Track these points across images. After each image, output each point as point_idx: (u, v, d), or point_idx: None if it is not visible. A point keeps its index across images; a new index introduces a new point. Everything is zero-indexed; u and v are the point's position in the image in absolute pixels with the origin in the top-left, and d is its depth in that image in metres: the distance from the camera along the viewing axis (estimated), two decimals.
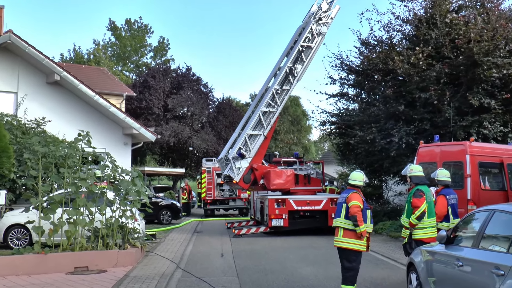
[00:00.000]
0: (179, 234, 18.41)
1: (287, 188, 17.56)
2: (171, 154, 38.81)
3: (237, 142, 17.45)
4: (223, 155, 17.82)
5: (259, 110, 17.66)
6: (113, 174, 11.57)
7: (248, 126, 17.53)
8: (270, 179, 17.28)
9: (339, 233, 7.97)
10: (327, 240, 15.64)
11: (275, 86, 17.93)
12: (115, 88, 28.43)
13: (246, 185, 17.41)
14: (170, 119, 36.75)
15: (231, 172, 17.22)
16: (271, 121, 18.00)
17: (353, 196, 7.95)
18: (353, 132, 19.54)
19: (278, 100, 18.08)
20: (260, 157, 17.88)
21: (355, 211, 7.75)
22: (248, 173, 17.34)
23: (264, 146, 17.94)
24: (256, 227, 18.06)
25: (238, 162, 17.19)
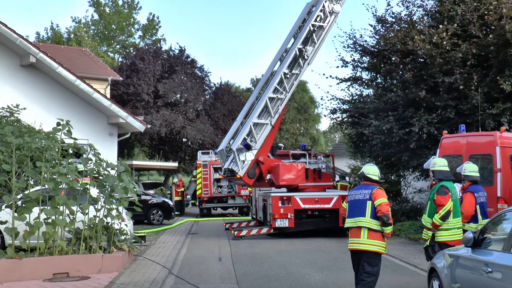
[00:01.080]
0: (171, 236, 18.44)
1: (297, 184, 17.65)
2: (163, 146, 38.84)
3: (241, 132, 17.45)
4: (223, 146, 17.82)
5: (265, 96, 17.68)
6: (97, 169, 11.54)
7: (253, 114, 17.55)
8: (279, 173, 17.32)
9: (363, 235, 7.85)
10: (338, 243, 15.64)
11: (283, 69, 17.96)
12: (99, 72, 28.37)
13: (251, 180, 17.43)
14: (161, 106, 36.73)
15: (234, 165, 17.22)
16: (279, 109, 18.04)
17: (379, 192, 7.89)
18: (368, 121, 19.49)
19: (287, 86, 18.13)
20: (266, 149, 17.92)
21: (387, 209, 7.73)
22: (253, 167, 17.36)
23: (271, 136, 18.01)
24: (258, 228, 18.08)
25: (243, 154, 17.21)
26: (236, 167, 17.14)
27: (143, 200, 21.92)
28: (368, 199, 7.87)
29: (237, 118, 18.54)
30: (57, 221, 10.59)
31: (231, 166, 17.26)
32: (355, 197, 8.07)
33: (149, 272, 11.13)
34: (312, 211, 17.59)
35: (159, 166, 33.75)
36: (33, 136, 11.07)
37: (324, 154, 20.87)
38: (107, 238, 11.40)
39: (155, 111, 36.38)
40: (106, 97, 21.01)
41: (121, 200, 11.50)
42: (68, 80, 19.36)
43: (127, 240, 12.01)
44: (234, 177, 17.64)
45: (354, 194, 8.12)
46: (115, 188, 11.27)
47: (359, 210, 7.92)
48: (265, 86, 18.33)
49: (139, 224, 21.67)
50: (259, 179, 17.64)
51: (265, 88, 18.30)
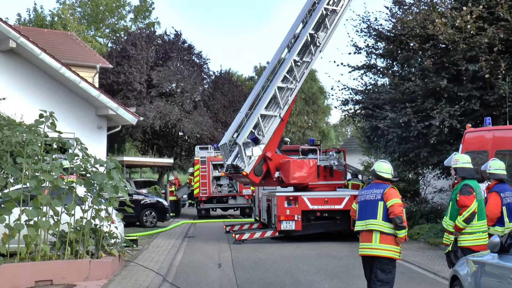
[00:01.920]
0: (166, 240, 18.46)
1: (308, 182, 17.72)
2: (157, 140, 38.84)
3: (246, 124, 17.48)
4: (226, 140, 17.83)
5: (274, 86, 17.72)
6: (84, 165, 11.52)
7: (260, 105, 17.60)
8: (290, 171, 17.37)
9: (374, 239, 7.83)
10: (350, 247, 15.63)
11: (293, 57, 18.03)
12: (87, 58, 28.35)
13: (257, 178, 17.47)
14: (155, 97, 36.71)
15: (239, 161, 17.23)
16: (289, 100, 18.11)
17: (392, 192, 7.86)
18: (383, 114, 19.44)
19: (297, 74, 18.21)
20: (274, 144, 17.96)
21: (400, 210, 7.71)
22: (260, 164, 17.40)
23: (280, 130, 18.09)
24: (261, 231, 18.11)
25: (249, 149, 17.24)
26: (241, 163, 17.14)
27: (135, 200, 21.91)
28: (379, 199, 7.84)
29: (241, 109, 18.57)
30: (39, 223, 10.58)
31: (236, 162, 17.25)
32: (365, 198, 8.03)
33: (142, 280, 11.13)
34: (321, 212, 17.60)
35: (153, 162, 33.73)
36: (13, 129, 11.05)
37: (335, 149, 20.86)
38: (95, 241, 11.40)
39: (148, 102, 36.37)
40: (94, 86, 21.00)
41: (111, 200, 11.49)
42: (52, 68, 19.34)
43: (117, 244, 12.01)
44: (238, 175, 17.65)
45: (364, 194, 8.07)
46: (104, 186, 11.26)
47: (370, 211, 7.89)
48: (272, 75, 18.39)
49: (130, 226, 21.70)
50: (266, 177, 17.66)
51: (271, 77, 18.36)
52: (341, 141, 73.72)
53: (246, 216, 28.81)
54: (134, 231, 20.18)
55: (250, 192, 27.45)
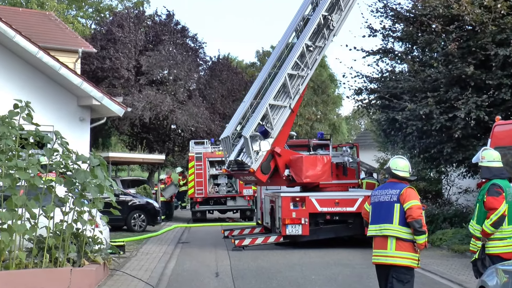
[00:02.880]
0: (157, 246, 18.49)
1: (322, 181, 17.77)
2: (146, 134, 38.83)
3: (254, 115, 17.51)
4: (229, 133, 17.81)
5: (284, 73, 17.76)
6: (65, 162, 11.51)
7: (269, 94, 17.63)
8: (303, 168, 17.41)
9: (390, 245, 7.79)
10: (363, 255, 15.63)
11: (305, 41, 18.10)
12: (67, 42, 28.30)
13: (265, 176, 17.48)
14: (144, 85, 36.68)
15: (245, 156, 17.21)
16: (300, 89, 18.21)
17: (410, 193, 7.81)
18: (401, 104, 19.40)
19: (309, 61, 18.30)
20: (283, 138, 18.01)
21: (419, 213, 7.65)
22: (267, 160, 17.40)
23: (289, 123, 18.19)
24: (264, 236, 18.15)
25: (257, 143, 17.22)
26: (247, 159, 17.12)
27: (122, 201, 21.91)
28: (395, 201, 7.79)
29: (245, 98, 18.59)
30: (14, 227, 10.57)
31: (241, 157, 17.22)
32: (379, 199, 7.98)
33: None
34: (331, 215, 17.62)
35: (142, 159, 33.73)
36: None
37: (348, 144, 20.87)
38: (77, 248, 11.40)
39: (137, 91, 36.33)
40: (76, 73, 20.94)
41: (95, 201, 11.48)
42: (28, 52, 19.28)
43: (102, 251, 12.02)
44: (243, 172, 17.66)
45: (378, 195, 8.01)
46: (87, 186, 11.25)
47: (385, 214, 7.84)
48: (279, 62, 18.47)
49: (117, 230, 21.74)
50: (273, 175, 17.68)
51: (278, 63, 18.43)
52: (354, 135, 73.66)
53: (247, 219, 28.83)
54: (121, 236, 20.17)
55: (251, 192, 27.46)
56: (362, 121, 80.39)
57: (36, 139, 11.71)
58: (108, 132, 40.93)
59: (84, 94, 20.07)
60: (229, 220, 29.48)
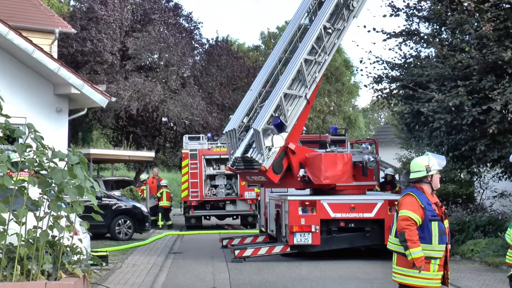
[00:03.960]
0: (145, 256, 18.49)
1: (341, 182, 17.82)
2: (133, 128, 38.87)
3: (265, 106, 17.46)
4: (235, 125, 17.70)
5: (300, 58, 17.79)
6: (39, 159, 11.48)
7: (282, 82, 17.63)
8: (322, 167, 17.41)
9: (393, 260, 8.22)
10: (383, 268, 15.62)
11: (323, 22, 18.14)
12: (42, 21, 28.25)
13: (277, 176, 17.45)
14: (131, 71, 36.71)
15: (255, 153, 17.15)
16: (317, 77, 18.29)
17: (404, 201, 8.09)
18: (427, 94, 19.35)
19: (327, 45, 18.40)
20: (297, 133, 18.07)
21: (402, 226, 7.93)
22: (280, 158, 17.39)
23: (305, 115, 18.27)
24: (268, 246, 18.13)
25: (269, 138, 17.19)
26: (258, 155, 17.07)
27: (104, 204, 21.92)
28: (396, 210, 8.23)
29: (252, 86, 18.56)
30: None
31: (250, 154, 17.14)
32: None
33: None
34: (346, 222, 17.61)
35: (128, 156, 33.78)
36: None
37: (370, 140, 20.83)
38: (53, 258, 11.38)
39: (122, 78, 36.37)
40: (53, 57, 20.93)
41: (74, 205, 11.47)
42: None
43: (82, 262, 12.00)
44: (251, 171, 17.61)
45: None
46: (65, 187, 11.23)
47: (393, 224, 8.30)
48: (290, 46, 18.51)
49: (99, 238, 21.74)
50: (285, 175, 17.65)
51: (289, 47, 18.48)
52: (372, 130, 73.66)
53: (249, 226, 28.80)
54: (104, 245, 20.18)
55: (254, 195, 27.43)
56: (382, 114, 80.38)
57: (6, 133, 11.69)
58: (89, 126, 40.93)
59: (62, 82, 20.06)
60: (228, 227, 29.46)
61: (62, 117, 20.42)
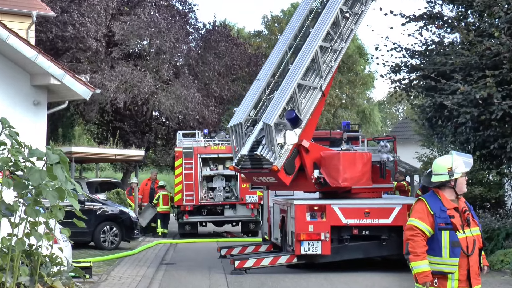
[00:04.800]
0: (133, 268, 18.48)
1: (361, 185, 17.87)
2: (120, 123, 38.86)
3: (277, 97, 17.38)
4: (241, 119, 17.54)
5: (315, 45, 17.78)
6: (14, 159, 11.46)
7: (296, 71, 17.60)
8: (340, 168, 17.44)
9: None
10: (401, 281, 15.66)
11: (340, 5, 18.21)
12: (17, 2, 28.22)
13: (289, 177, 17.40)
14: (118, 59, 36.69)
15: (265, 150, 17.05)
16: (332, 67, 18.38)
17: (414, 207, 7.92)
18: (451, 86, 19.34)
19: (344, 31, 18.53)
20: (311, 129, 18.11)
21: (407, 236, 7.77)
22: (292, 157, 17.36)
23: (319, 109, 18.36)
24: (272, 256, 18.12)
25: (280, 133, 17.13)
26: (269, 153, 16.97)
27: (88, 209, 21.88)
28: None
29: (259, 75, 18.47)
30: None
31: (260, 152, 17.00)
32: None
33: None
34: (359, 229, 17.58)
35: (115, 155, 33.70)
36: None
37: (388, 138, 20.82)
38: (30, 270, 11.37)
39: (108, 66, 36.35)
40: (30, 43, 20.92)
41: (53, 210, 11.44)
42: None
43: (62, 274, 12.00)
44: (260, 171, 17.50)
45: None
46: (43, 190, 11.20)
47: None
48: (301, 32, 18.54)
49: (81, 247, 21.75)
50: (296, 177, 17.60)
51: (300, 34, 18.51)
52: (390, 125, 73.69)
53: (250, 234, 28.82)
54: (87, 255, 20.17)
55: (256, 199, 27.40)
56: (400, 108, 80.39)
57: None
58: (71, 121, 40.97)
59: (40, 71, 20.05)
60: (227, 235, 29.46)
61: (40, 111, 20.41)
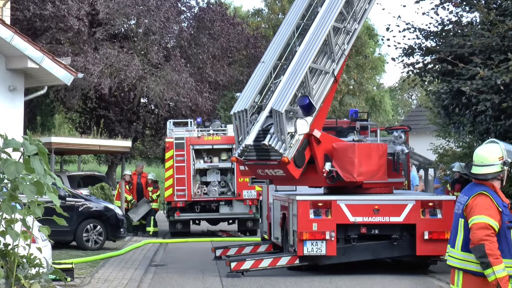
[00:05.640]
0: (119, 270, 18.53)
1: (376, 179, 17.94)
2: (105, 111, 38.83)
3: (287, 82, 17.34)
4: (246, 106, 17.41)
5: (327, 25, 17.78)
6: None
7: (307, 53, 17.58)
8: (356, 161, 17.48)
9: (457, 280, 7.74)
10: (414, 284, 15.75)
11: None
12: None
13: (298, 170, 17.37)
14: (102, 41, 36.66)
15: (274, 140, 16.95)
16: (345, 50, 18.42)
17: (478, 203, 7.61)
18: (470, 70, 19.35)
19: (358, 11, 18.58)
20: (322, 117, 18.13)
21: (480, 236, 7.45)
22: (302, 148, 17.36)
23: (330, 96, 18.40)
24: (272, 257, 18.14)
25: (290, 122, 17.10)
26: (279, 143, 16.89)
27: (70, 206, 21.92)
28: (460, 214, 7.77)
29: (264, 58, 18.39)
30: None
31: (268, 141, 16.90)
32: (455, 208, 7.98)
33: None
34: (368, 227, 17.61)
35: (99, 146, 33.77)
36: None
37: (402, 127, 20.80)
38: (5, 272, 11.40)
39: (91, 48, 36.32)
40: (4, 22, 20.93)
41: (31, 206, 11.49)
42: None
43: (41, 276, 12.02)
44: (268, 162, 17.44)
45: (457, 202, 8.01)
46: (20, 184, 11.23)
47: (453, 234, 7.88)
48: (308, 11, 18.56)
49: (62, 247, 21.80)
50: (305, 170, 17.58)
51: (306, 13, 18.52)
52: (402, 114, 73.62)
53: (248, 233, 28.88)
54: (69, 256, 20.21)
55: (254, 194, 27.41)
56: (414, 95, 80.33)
57: None
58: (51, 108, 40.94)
59: (16, 53, 20.07)
60: (222, 234, 29.48)
61: (16, 97, 20.43)
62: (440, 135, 31.74)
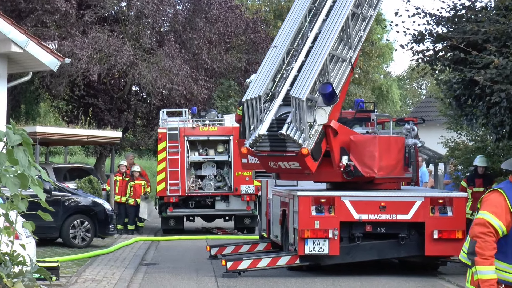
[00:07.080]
0: (108, 269, 18.56)
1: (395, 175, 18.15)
2: (94, 99, 38.79)
3: (306, 69, 17.30)
4: (260, 92, 17.25)
5: (345, 10, 17.77)
6: None
7: (326, 39, 17.50)
8: (376, 156, 17.51)
9: (468, 277, 7.70)
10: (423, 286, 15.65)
11: None
12: None
13: (315, 163, 17.30)
14: (91, 24, 36.60)
15: (292, 130, 16.82)
16: (362, 36, 18.55)
17: (488, 198, 7.65)
18: (484, 58, 19.37)
19: None
20: (339, 108, 18.22)
21: (476, 232, 7.51)
22: (319, 139, 17.31)
23: (346, 85, 18.50)
24: (271, 257, 18.18)
25: (310, 111, 17.02)
26: (297, 133, 16.74)
27: (55, 200, 21.97)
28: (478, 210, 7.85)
29: (275, 42, 18.24)
30: None
31: (286, 131, 16.72)
32: None
33: None
34: (374, 226, 17.64)
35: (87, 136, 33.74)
36: None
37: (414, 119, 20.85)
38: None
39: (79, 32, 36.26)
40: None
41: (14, 200, 11.50)
42: None
43: (25, 275, 12.05)
44: (284, 154, 17.34)
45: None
46: (3, 176, 11.25)
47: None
48: None
49: (47, 244, 21.88)
50: (322, 163, 17.54)
51: None
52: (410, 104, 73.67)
53: (246, 230, 28.90)
54: (54, 253, 20.24)
55: (252, 189, 27.41)
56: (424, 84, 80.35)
57: None
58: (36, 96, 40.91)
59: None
60: (218, 232, 29.53)
61: None
62: (451, 127, 31.74)
